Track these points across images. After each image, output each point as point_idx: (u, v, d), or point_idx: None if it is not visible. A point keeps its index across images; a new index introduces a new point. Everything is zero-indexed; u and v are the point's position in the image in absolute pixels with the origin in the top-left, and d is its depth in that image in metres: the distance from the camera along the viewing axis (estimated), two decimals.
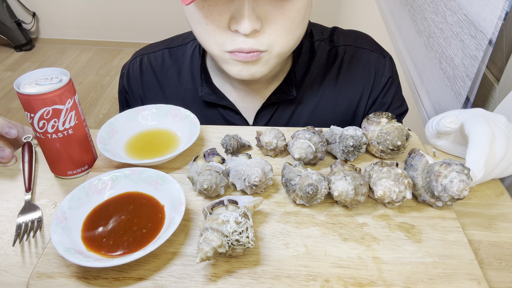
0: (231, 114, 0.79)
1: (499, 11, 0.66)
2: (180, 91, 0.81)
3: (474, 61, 0.75)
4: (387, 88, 0.80)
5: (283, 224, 0.51)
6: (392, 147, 0.59)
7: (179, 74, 0.82)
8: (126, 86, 0.84)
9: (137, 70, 0.83)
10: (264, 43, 0.61)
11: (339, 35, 0.82)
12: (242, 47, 0.61)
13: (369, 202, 0.55)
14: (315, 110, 0.80)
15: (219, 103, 0.78)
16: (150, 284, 0.44)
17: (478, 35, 0.74)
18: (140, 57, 0.84)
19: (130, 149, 0.64)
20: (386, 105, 0.81)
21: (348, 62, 0.79)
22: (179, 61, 0.82)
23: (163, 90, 0.82)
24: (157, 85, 0.82)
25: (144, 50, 0.85)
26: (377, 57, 0.80)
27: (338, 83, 0.79)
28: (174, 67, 0.82)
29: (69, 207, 0.50)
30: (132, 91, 0.84)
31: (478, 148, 0.55)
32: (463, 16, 0.80)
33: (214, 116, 0.80)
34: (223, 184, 0.54)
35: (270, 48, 0.62)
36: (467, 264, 0.46)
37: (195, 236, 0.50)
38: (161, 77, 0.82)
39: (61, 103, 0.55)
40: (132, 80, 0.84)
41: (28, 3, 3.45)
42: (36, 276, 0.45)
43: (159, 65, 0.83)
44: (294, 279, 0.45)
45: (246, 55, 0.62)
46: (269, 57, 0.64)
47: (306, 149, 0.58)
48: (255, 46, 0.61)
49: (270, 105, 0.78)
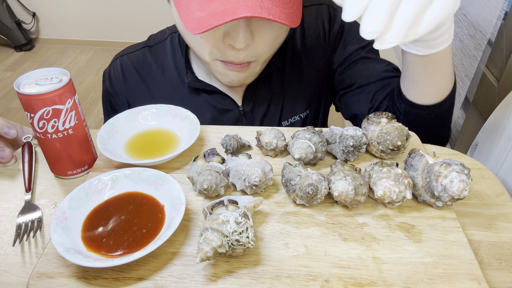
0: (219, 99, 0.81)
1: (498, 11, 0.66)
2: (167, 86, 0.82)
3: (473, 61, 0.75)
4: (340, 32, 0.82)
5: (283, 224, 0.51)
6: (392, 147, 0.59)
7: (163, 70, 0.82)
8: (109, 89, 0.85)
9: (118, 71, 0.83)
10: (254, 55, 0.65)
11: None
12: (233, 61, 0.65)
13: (369, 202, 0.55)
14: (288, 75, 0.82)
15: (206, 88, 0.79)
16: (150, 284, 0.44)
17: (477, 35, 0.74)
18: (120, 59, 0.84)
19: (130, 149, 0.64)
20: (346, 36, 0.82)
21: (303, 24, 0.82)
22: (161, 58, 0.83)
23: (149, 87, 0.83)
24: (141, 83, 0.83)
25: (122, 52, 0.86)
26: (324, 8, 0.82)
27: (301, 45, 0.82)
28: (156, 64, 0.83)
29: (69, 207, 0.50)
30: (116, 93, 0.84)
31: None
32: (462, 16, 0.81)
33: (203, 105, 0.81)
34: (223, 184, 0.54)
35: (258, 59, 0.67)
36: (467, 264, 0.46)
37: (195, 236, 0.50)
38: (145, 75, 0.83)
39: (61, 103, 0.55)
40: (114, 82, 0.84)
41: (28, 3, 3.45)
42: (36, 276, 0.45)
43: (141, 64, 0.83)
44: (294, 279, 0.45)
45: (236, 65, 0.67)
46: (256, 65, 0.69)
47: (306, 149, 0.58)
48: (246, 59, 0.65)
49: (254, 82, 0.80)
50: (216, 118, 0.82)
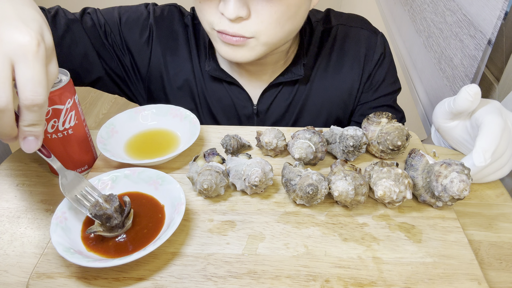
0: (235, 91, 0.80)
1: (498, 11, 0.66)
2: (192, 62, 0.81)
3: (473, 61, 0.75)
4: (380, 64, 0.81)
5: (283, 224, 0.51)
6: (392, 147, 0.59)
7: (197, 45, 0.81)
8: (152, 20, 0.79)
9: (172, 17, 0.80)
10: (250, 30, 0.63)
11: (332, 16, 0.83)
12: (227, 30, 0.63)
13: (369, 202, 0.55)
14: (312, 86, 0.81)
15: (226, 79, 0.78)
16: (150, 284, 0.44)
17: (477, 35, 0.74)
18: (177, 8, 0.82)
19: (130, 149, 0.64)
20: (380, 81, 0.82)
21: (340, 41, 0.81)
22: (198, 36, 0.81)
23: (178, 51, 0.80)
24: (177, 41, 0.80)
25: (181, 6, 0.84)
26: (368, 34, 0.81)
27: (332, 60, 0.81)
28: (194, 37, 0.81)
29: (69, 207, 0.50)
30: (154, 31, 0.79)
31: (489, 136, 0.54)
32: (462, 16, 0.81)
33: (219, 91, 0.81)
34: (223, 184, 0.54)
35: (256, 36, 0.64)
36: (467, 264, 0.46)
37: (195, 236, 0.50)
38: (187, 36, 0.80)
39: (61, 103, 0.55)
40: (162, 22, 0.79)
41: None
42: (36, 276, 0.45)
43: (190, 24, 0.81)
44: (294, 279, 0.45)
45: (231, 38, 0.63)
46: (256, 44, 0.65)
47: (306, 149, 0.58)
48: (240, 32, 0.63)
49: (276, 85, 0.80)
50: (231, 106, 0.82)
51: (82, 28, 0.75)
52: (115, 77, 0.82)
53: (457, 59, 0.83)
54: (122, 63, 0.80)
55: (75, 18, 0.76)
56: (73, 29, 0.74)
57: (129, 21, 0.79)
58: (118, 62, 0.80)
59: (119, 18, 0.78)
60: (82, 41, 0.75)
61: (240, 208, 0.54)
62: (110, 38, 0.78)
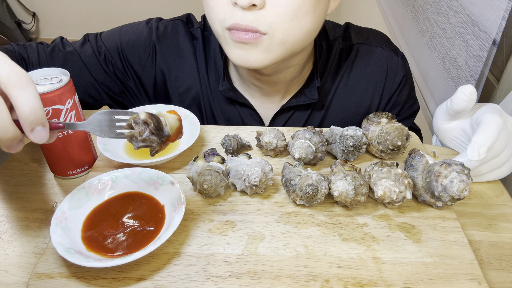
0: (247, 113, 0.78)
1: (502, 11, 0.66)
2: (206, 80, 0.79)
3: (478, 62, 0.75)
4: (401, 87, 0.79)
5: (283, 224, 0.51)
6: (392, 147, 0.59)
7: (207, 60, 0.79)
8: (154, 39, 0.77)
9: (176, 32, 0.78)
10: (265, 22, 0.58)
11: (352, 32, 0.80)
12: (239, 23, 0.58)
13: (369, 202, 0.55)
14: (329, 110, 0.79)
15: (238, 100, 0.76)
16: (150, 284, 0.44)
17: (482, 36, 0.73)
18: (183, 22, 0.79)
19: (130, 149, 0.64)
20: (401, 104, 0.81)
21: (360, 62, 0.78)
22: (208, 51, 0.79)
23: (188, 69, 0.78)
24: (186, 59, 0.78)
25: (184, 17, 0.82)
26: (390, 55, 0.78)
27: (350, 82, 0.78)
28: (205, 52, 0.79)
29: (69, 207, 0.50)
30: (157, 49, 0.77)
31: (485, 132, 0.54)
32: (466, 16, 0.80)
33: (230, 111, 0.79)
34: (223, 184, 0.54)
35: (271, 32, 0.59)
36: (467, 264, 0.46)
37: (195, 236, 0.50)
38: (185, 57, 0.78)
39: (61, 103, 0.55)
40: (165, 39, 0.77)
41: (28, 3, 3.45)
42: (36, 276, 0.45)
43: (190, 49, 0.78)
44: (294, 279, 0.45)
45: (243, 35, 0.59)
46: (271, 43, 0.60)
47: (306, 149, 0.58)
48: (253, 23, 0.58)
49: (288, 108, 0.77)
50: None
51: (80, 60, 0.75)
52: (122, 100, 0.82)
53: (461, 59, 0.82)
54: (126, 87, 0.79)
55: (73, 50, 0.75)
56: (71, 62, 0.74)
57: (130, 43, 0.77)
58: (122, 87, 0.79)
59: (120, 42, 0.77)
60: (82, 73, 0.75)
61: (240, 208, 0.54)
62: (111, 65, 0.77)
